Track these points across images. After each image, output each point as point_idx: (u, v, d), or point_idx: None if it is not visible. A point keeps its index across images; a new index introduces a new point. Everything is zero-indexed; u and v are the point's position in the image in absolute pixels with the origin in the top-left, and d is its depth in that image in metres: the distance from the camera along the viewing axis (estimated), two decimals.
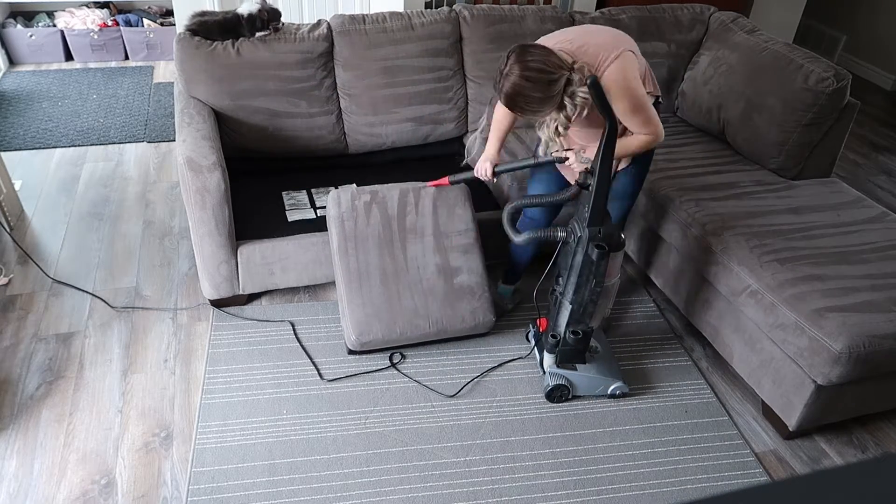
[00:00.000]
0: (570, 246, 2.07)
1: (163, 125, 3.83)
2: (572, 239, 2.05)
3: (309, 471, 2.00)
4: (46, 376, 2.26)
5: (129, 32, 4.57)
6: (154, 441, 2.08)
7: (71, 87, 4.20)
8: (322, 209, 2.63)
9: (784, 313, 2.08)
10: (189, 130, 2.41)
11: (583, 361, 2.26)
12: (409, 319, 2.30)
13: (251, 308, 2.58)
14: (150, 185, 3.32)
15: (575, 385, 2.25)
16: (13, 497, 1.89)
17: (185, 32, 2.61)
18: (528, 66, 1.80)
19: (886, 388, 2.18)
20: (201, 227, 2.33)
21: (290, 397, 2.22)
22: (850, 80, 2.59)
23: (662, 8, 3.15)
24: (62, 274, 2.71)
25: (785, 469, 2.13)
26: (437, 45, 2.83)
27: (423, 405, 2.23)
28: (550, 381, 2.22)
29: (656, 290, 2.82)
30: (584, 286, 2.05)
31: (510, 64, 1.83)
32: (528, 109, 1.88)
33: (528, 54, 1.82)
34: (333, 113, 2.82)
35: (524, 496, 1.98)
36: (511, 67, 1.82)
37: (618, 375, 2.27)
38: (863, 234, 2.41)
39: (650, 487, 2.03)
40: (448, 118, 2.97)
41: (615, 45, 1.93)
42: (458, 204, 2.44)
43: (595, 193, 1.93)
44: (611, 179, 1.96)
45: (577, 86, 1.85)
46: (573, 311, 2.11)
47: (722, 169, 2.77)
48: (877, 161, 4.09)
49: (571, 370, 2.24)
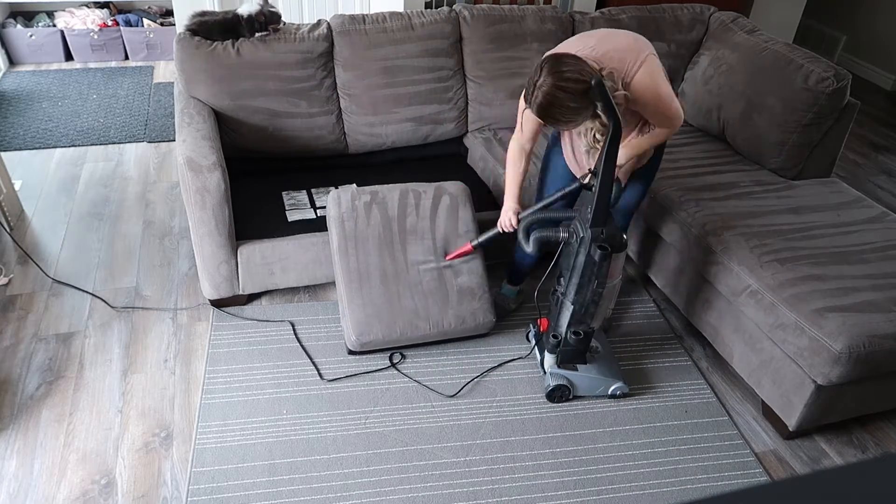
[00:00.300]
0: (572, 246, 2.07)
1: (163, 125, 3.83)
2: (574, 239, 2.05)
3: (309, 471, 2.00)
4: (46, 376, 2.26)
5: (129, 32, 4.57)
6: (154, 441, 2.08)
7: (71, 87, 4.20)
8: (322, 209, 2.63)
9: (784, 313, 2.08)
10: (189, 130, 2.41)
11: (584, 362, 2.26)
12: (410, 320, 2.30)
13: (251, 308, 2.58)
14: (150, 185, 3.32)
15: (576, 385, 2.25)
16: (13, 497, 1.89)
17: (185, 32, 2.61)
18: (562, 77, 1.79)
19: (886, 388, 2.18)
20: (201, 227, 2.33)
21: (290, 397, 2.22)
22: (850, 80, 2.59)
23: (662, 8, 3.15)
24: (62, 274, 2.71)
25: (785, 469, 2.13)
26: (437, 45, 2.84)
27: (423, 405, 2.23)
28: (551, 382, 2.22)
29: (656, 290, 2.82)
30: (586, 287, 2.05)
31: (543, 75, 1.81)
32: (563, 119, 1.87)
33: (562, 64, 1.81)
34: (333, 113, 2.82)
35: (524, 496, 1.98)
36: (545, 78, 1.80)
37: (618, 376, 2.27)
38: (863, 234, 2.41)
39: (650, 487, 2.03)
40: (448, 118, 2.97)
41: (638, 49, 1.95)
42: (458, 205, 2.44)
43: (598, 194, 1.93)
44: (613, 181, 1.96)
45: (610, 92, 1.84)
46: (575, 311, 2.11)
47: (722, 169, 2.77)
48: (877, 161, 4.09)
49: (572, 370, 2.24)
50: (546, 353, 2.26)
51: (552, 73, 1.79)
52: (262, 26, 2.61)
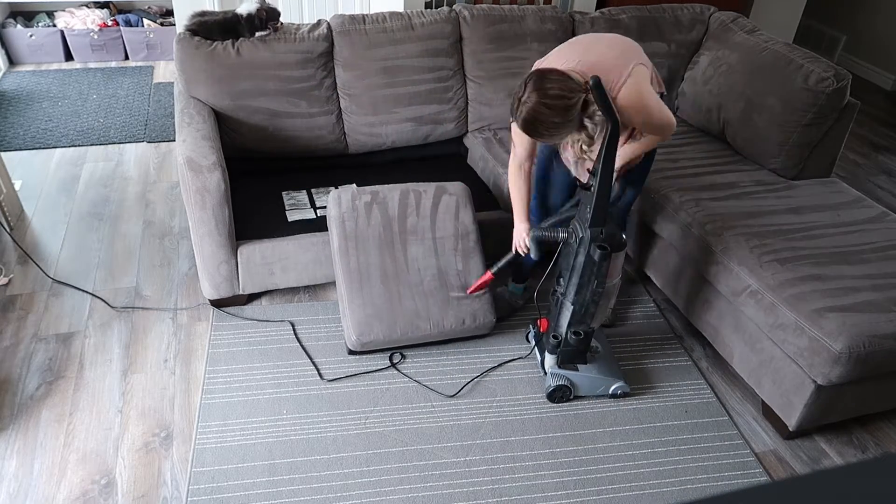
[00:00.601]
0: (571, 247, 2.07)
1: (163, 125, 3.83)
2: (573, 239, 2.05)
3: (309, 471, 2.00)
4: (46, 376, 2.26)
5: (129, 32, 4.57)
6: (154, 441, 2.08)
7: (71, 87, 4.20)
8: (322, 209, 2.64)
9: (784, 313, 2.08)
10: (189, 130, 2.41)
11: (584, 362, 2.26)
12: (410, 320, 2.30)
13: (251, 308, 2.58)
14: (150, 185, 3.32)
15: (576, 385, 2.25)
16: (13, 497, 1.89)
17: (184, 32, 2.61)
18: (546, 94, 1.79)
19: (886, 388, 2.18)
20: (201, 227, 2.33)
21: (290, 397, 2.22)
22: (850, 80, 2.59)
23: (662, 8, 3.15)
24: (62, 274, 2.71)
25: (785, 469, 2.13)
26: (437, 45, 2.84)
27: (423, 405, 2.23)
28: (552, 382, 2.22)
29: (656, 290, 2.82)
30: (585, 287, 2.05)
31: (528, 91, 1.82)
32: (548, 134, 1.88)
33: (545, 80, 1.81)
34: (333, 113, 2.82)
35: (524, 496, 1.98)
36: (529, 95, 1.81)
37: (619, 375, 2.27)
38: (863, 234, 2.41)
39: (650, 487, 2.03)
40: (448, 118, 2.97)
41: (624, 61, 1.93)
42: (459, 205, 2.44)
43: (597, 194, 1.93)
44: (612, 181, 1.96)
45: None
46: (575, 311, 2.11)
47: (722, 169, 2.77)
48: (877, 161, 4.09)
49: (573, 370, 2.24)
50: (546, 354, 2.26)
51: (536, 89, 1.80)
52: (262, 24, 2.61)
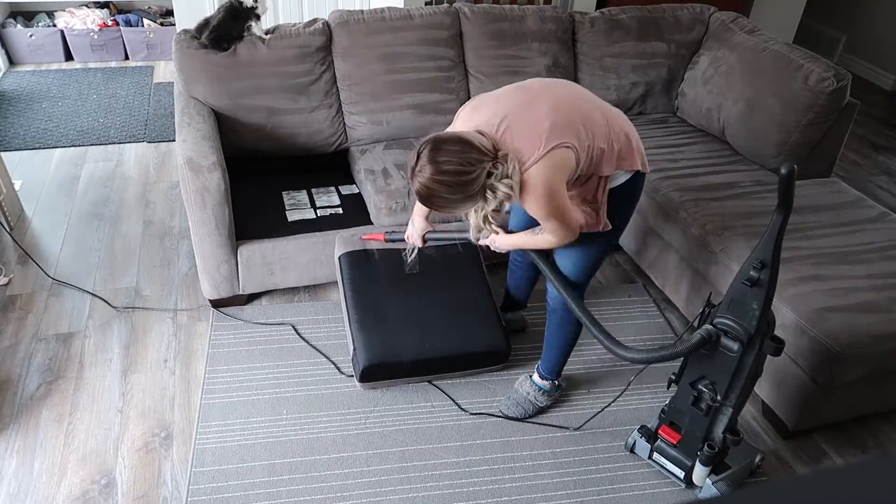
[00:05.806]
0: (724, 350, 1.78)
1: (163, 125, 3.83)
2: (730, 340, 1.77)
3: (309, 471, 2.00)
4: (46, 376, 2.26)
5: (129, 32, 4.57)
6: (154, 441, 2.08)
7: (71, 87, 4.20)
8: (322, 209, 2.63)
9: (784, 313, 2.08)
10: (189, 130, 2.41)
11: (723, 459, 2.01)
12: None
13: (251, 308, 2.58)
14: (150, 185, 3.32)
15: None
16: (13, 497, 1.89)
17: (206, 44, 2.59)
18: (440, 169, 1.60)
19: (886, 388, 2.18)
20: (201, 227, 2.33)
21: (290, 397, 2.22)
22: (850, 80, 2.59)
23: (662, 8, 3.15)
24: (62, 274, 2.71)
25: (785, 469, 2.13)
26: (436, 35, 2.83)
27: (424, 405, 2.23)
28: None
29: (656, 290, 2.82)
30: (749, 384, 1.85)
31: (421, 164, 1.63)
32: (446, 208, 1.72)
33: (440, 153, 1.61)
34: (333, 107, 2.81)
35: (524, 496, 1.98)
36: (422, 167, 1.63)
37: (751, 451, 2.06)
38: (863, 234, 2.41)
39: (650, 487, 2.03)
40: (450, 109, 2.91)
41: (549, 137, 1.66)
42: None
43: (768, 289, 1.70)
44: (776, 277, 1.70)
45: (499, 179, 1.63)
46: (733, 413, 1.88)
47: (722, 169, 2.77)
48: (877, 161, 4.09)
49: (727, 471, 1.97)
50: (698, 465, 1.95)
51: (430, 162, 1.61)
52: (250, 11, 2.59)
